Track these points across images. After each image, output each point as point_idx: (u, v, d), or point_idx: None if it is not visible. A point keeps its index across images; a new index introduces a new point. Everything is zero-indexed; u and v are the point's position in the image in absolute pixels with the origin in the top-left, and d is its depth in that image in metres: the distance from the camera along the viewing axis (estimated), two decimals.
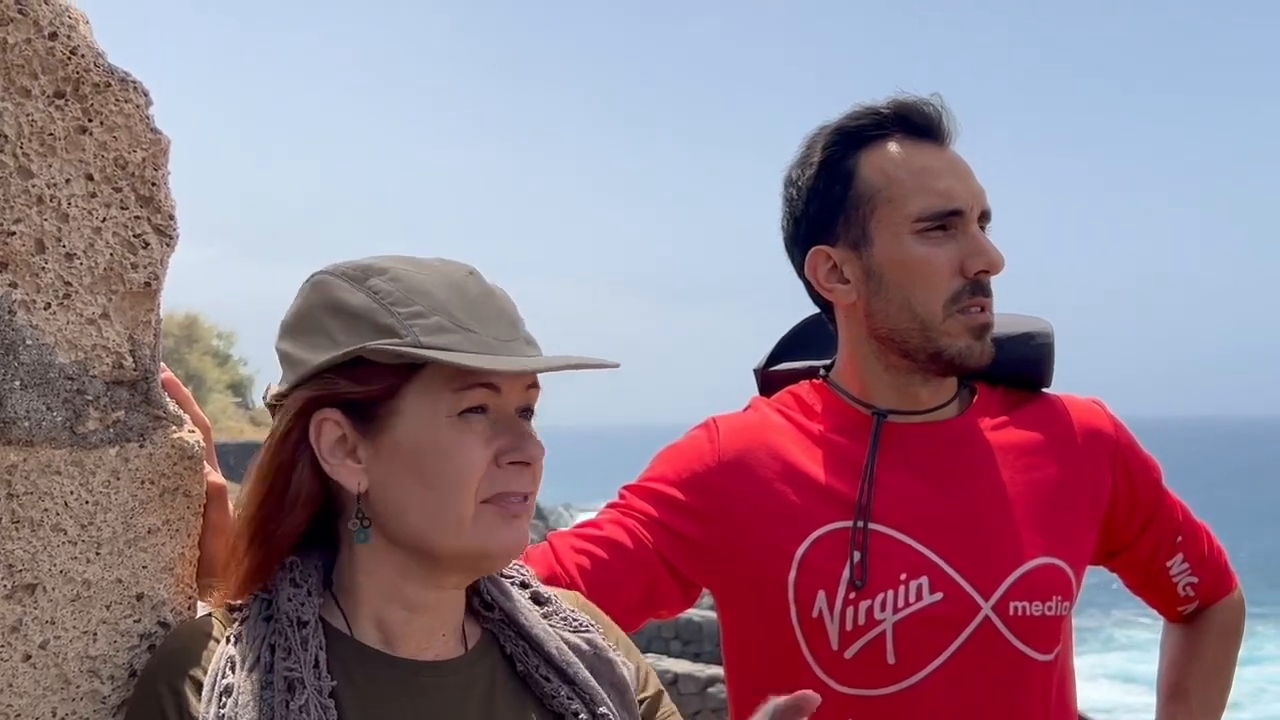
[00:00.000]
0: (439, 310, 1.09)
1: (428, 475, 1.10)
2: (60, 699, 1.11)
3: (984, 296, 1.56)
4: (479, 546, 1.11)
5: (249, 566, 1.13)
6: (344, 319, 1.10)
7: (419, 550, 1.12)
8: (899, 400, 1.62)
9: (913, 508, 1.57)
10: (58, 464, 1.10)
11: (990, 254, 1.55)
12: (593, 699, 1.17)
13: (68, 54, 1.09)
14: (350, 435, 1.11)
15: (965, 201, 1.56)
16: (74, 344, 1.11)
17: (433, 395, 1.10)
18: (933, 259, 1.55)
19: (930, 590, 1.52)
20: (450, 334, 1.09)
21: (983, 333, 1.57)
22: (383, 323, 1.08)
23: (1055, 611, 1.56)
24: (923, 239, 1.56)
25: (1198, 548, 1.76)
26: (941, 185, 1.56)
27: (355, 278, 1.12)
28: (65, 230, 1.10)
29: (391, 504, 1.12)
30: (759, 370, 1.84)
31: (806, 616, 1.54)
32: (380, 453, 1.11)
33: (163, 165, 1.15)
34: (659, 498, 1.62)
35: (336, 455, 1.12)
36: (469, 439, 1.10)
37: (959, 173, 1.58)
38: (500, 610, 1.21)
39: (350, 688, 1.10)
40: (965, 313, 1.55)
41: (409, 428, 1.10)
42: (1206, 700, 1.80)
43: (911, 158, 1.58)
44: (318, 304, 1.13)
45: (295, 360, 1.13)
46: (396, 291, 1.10)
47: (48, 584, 1.10)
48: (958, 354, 1.56)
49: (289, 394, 1.13)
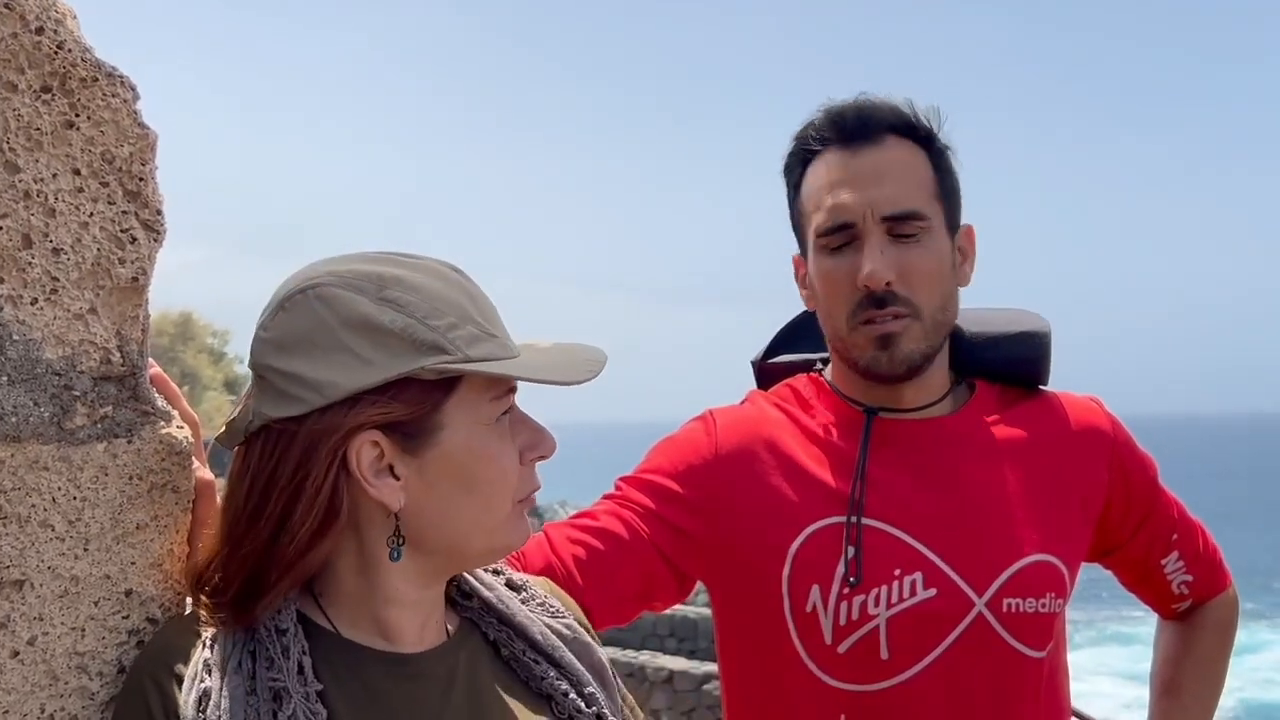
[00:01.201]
0: (466, 319, 1.09)
1: (475, 483, 1.11)
2: (48, 695, 1.11)
3: (878, 309, 1.54)
4: (508, 544, 1.16)
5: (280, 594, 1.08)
6: (373, 337, 1.06)
7: (452, 554, 1.14)
8: (883, 398, 1.62)
9: (907, 504, 1.57)
10: (45, 460, 1.10)
11: (868, 267, 1.52)
12: (579, 679, 1.20)
13: (54, 48, 1.09)
14: (389, 453, 1.08)
15: (855, 213, 1.54)
16: (61, 339, 1.11)
17: (473, 405, 1.10)
18: (831, 273, 1.57)
19: (924, 586, 1.53)
20: (484, 342, 1.09)
21: (886, 343, 1.54)
22: (425, 339, 1.06)
23: (1049, 609, 1.55)
24: (826, 254, 1.58)
25: (1192, 546, 1.76)
26: (833, 200, 1.56)
27: (366, 290, 1.07)
28: (52, 225, 1.10)
29: (432, 516, 1.11)
30: (756, 363, 1.85)
31: (800, 611, 1.54)
32: (425, 468, 1.09)
33: (150, 160, 1.15)
34: (655, 489, 1.62)
35: (377, 475, 1.08)
36: (506, 444, 1.13)
37: (858, 183, 1.55)
38: (480, 599, 1.22)
39: (338, 686, 1.09)
40: (868, 324, 1.55)
41: (456, 440, 1.09)
42: (1199, 696, 1.80)
43: (821, 172, 1.59)
44: (332, 320, 1.06)
45: (310, 381, 1.06)
46: (421, 302, 1.07)
47: (35, 580, 1.10)
48: (867, 365, 1.57)
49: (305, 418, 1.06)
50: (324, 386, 1.06)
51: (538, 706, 1.18)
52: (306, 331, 1.07)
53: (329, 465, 1.06)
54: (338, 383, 1.05)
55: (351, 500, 1.09)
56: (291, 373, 1.07)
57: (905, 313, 1.54)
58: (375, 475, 1.08)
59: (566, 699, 1.18)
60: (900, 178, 1.56)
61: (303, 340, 1.07)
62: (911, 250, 1.54)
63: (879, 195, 1.54)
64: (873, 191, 1.54)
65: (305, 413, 1.06)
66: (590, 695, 1.19)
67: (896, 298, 1.53)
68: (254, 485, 1.08)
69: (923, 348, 1.56)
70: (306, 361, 1.06)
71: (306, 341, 1.07)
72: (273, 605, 1.09)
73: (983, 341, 1.67)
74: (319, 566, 1.11)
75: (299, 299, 1.08)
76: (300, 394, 1.06)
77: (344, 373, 1.05)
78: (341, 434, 1.06)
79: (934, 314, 1.56)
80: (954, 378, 1.68)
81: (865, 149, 1.56)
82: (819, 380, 1.70)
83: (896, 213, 1.54)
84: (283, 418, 1.07)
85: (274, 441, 1.08)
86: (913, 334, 1.55)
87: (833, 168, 1.58)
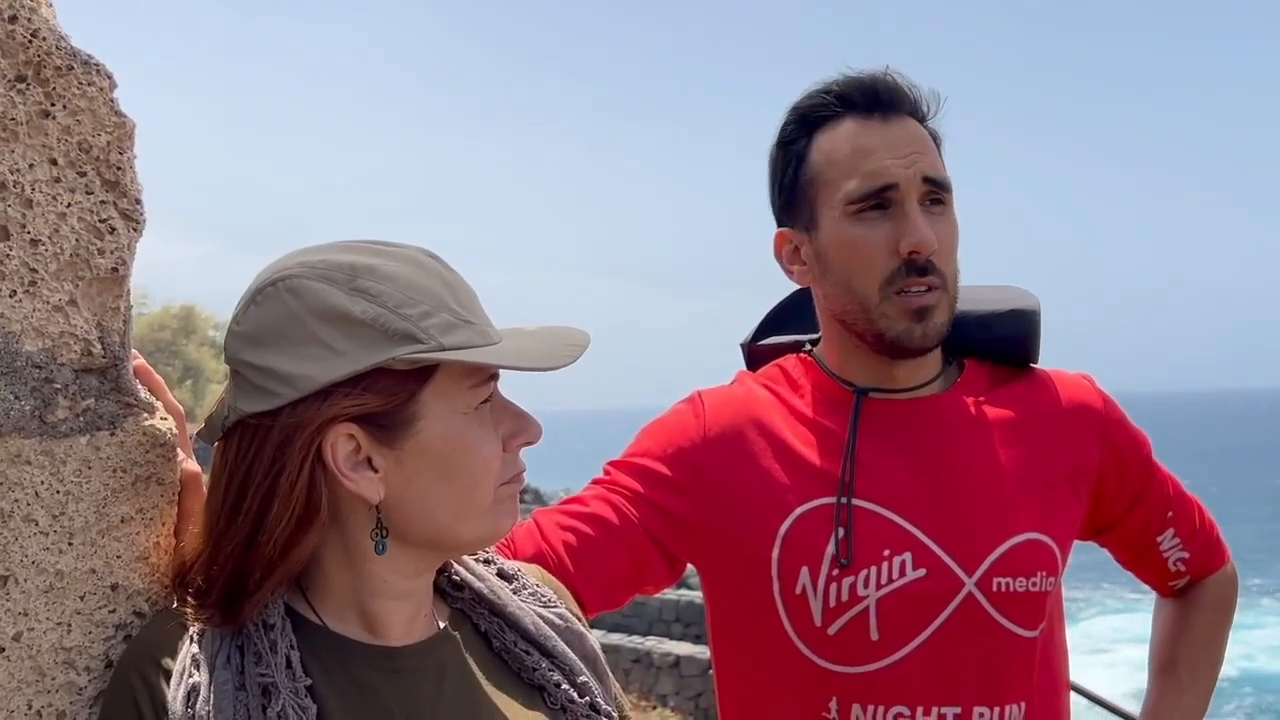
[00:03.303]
0: (441, 306, 1.07)
1: (455, 472, 1.09)
2: (35, 691, 1.10)
3: (920, 276, 1.52)
4: (493, 531, 1.14)
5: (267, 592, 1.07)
6: (345, 328, 1.04)
7: (437, 544, 1.12)
8: (876, 378, 1.61)
9: (896, 484, 1.56)
10: (27, 454, 1.09)
11: (919, 233, 1.50)
12: (571, 669, 1.19)
13: (28, 37, 1.07)
14: (365, 446, 1.06)
15: (897, 178, 1.52)
16: (41, 332, 1.09)
17: (450, 394, 1.08)
18: (865, 241, 1.53)
19: (914, 566, 1.51)
20: (460, 330, 1.07)
21: (922, 315, 1.52)
22: (397, 329, 1.04)
23: (1040, 587, 1.54)
24: (857, 220, 1.54)
25: (1189, 522, 1.75)
26: (871, 165, 1.53)
27: (337, 280, 1.05)
28: (29, 216, 1.08)
29: (414, 507, 1.09)
30: (746, 344, 1.83)
31: (789, 593, 1.53)
32: (403, 459, 1.07)
33: (128, 149, 1.13)
34: (644, 473, 1.61)
35: (354, 468, 1.07)
36: (487, 432, 1.11)
37: (897, 149, 1.53)
38: (471, 590, 1.21)
39: (328, 681, 1.08)
40: (902, 294, 1.52)
41: (434, 430, 1.07)
42: (1197, 672, 1.78)
43: (853, 138, 1.55)
44: (303, 312, 1.05)
45: (283, 375, 1.04)
46: (395, 292, 1.05)
47: (20, 575, 1.09)
48: (896, 337, 1.54)
49: (278, 412, 1.05)
50: (297, 380, 1.04)
51: (530, 698, 1.17)
52: (278, 324, 1.05)
53: (303, 459, 1.04)
54: (310, 375, 1.04)
55: (332, 494, 1.07)
56: (264, 367, 1.05)
57: (938, 284, 1.53)
58: (352, 468, 1.06)
59: (559, 689, 1.17)
60: (930, 149, 1.56)
61: (275, 333, 1.05)
62: (942, 221, 1.54)
63: (922, 161, 1.53)
64: (914, 158, 1.53)
65: (279, 407, 1.04)
66: (583, 685, 1.19)
67: (934, 268, 1.52)
68: (231, 482, 1.07)
69: (948, 321, 1.55)
70: (279, 355, 1.05)
71: (278, 334, 1.05)
72: (260, 605, 1.07)
73: (972, 320, 1.65)
74: (303, 563, 1.09)
75: (270, 292, 1.07)
76: (273, 388, 1.05)
77: (316, 365, 1.04)
78: (315, 427, 1.04)
79: (954, 288, 1.56)
80: (945, 357, 1.67)
81: (895, 119, 1.56)
82: (808, 360, 1.69)
83: (935, 176, 1.54)
84: (257, 412, 1.05)
85: (250, 437, 1.06)
86: (943, 306, 1.54)
87: (865, 133, 1.55)
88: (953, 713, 1.50)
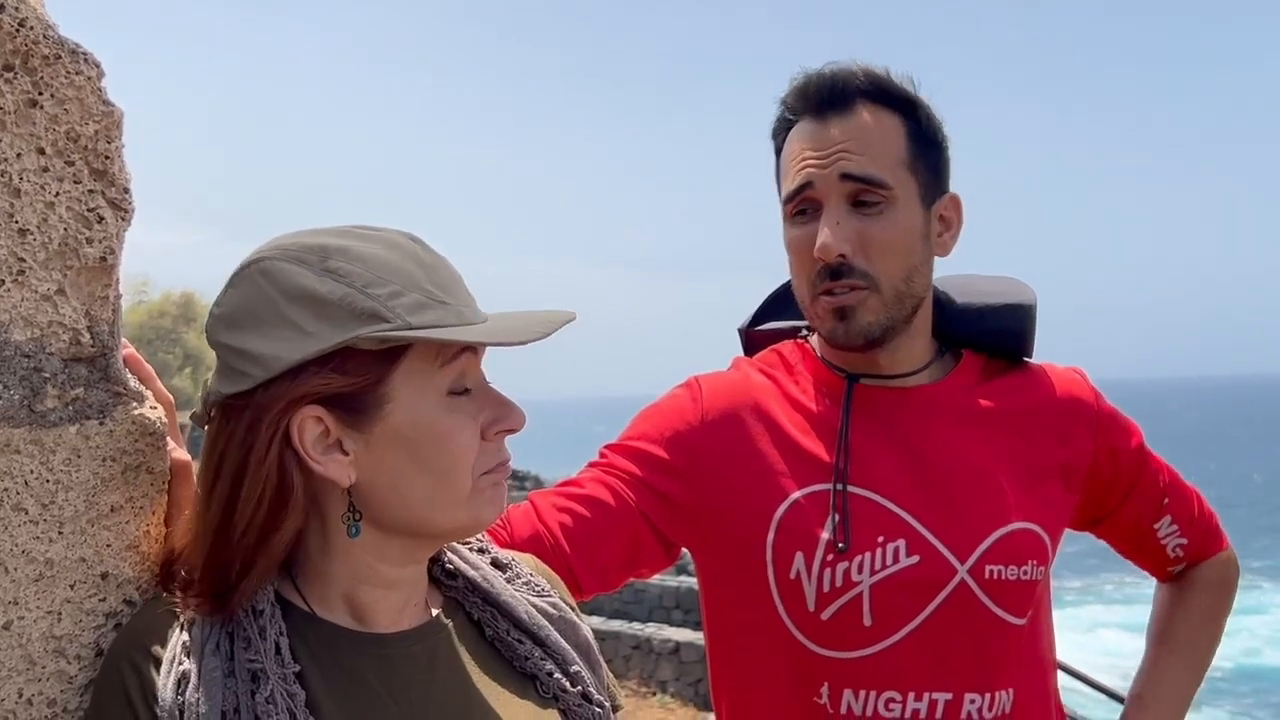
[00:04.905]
0: (413, 286, 1.06)
1: (427, 458, 1.07)
2: (26, 679, 1.10)
3: (834, 280, 1.53)
4: (474, 521, 1.12)
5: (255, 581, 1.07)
6: (313, 308, 1.04)
7: (415, 532, 1.11)
8: (860, 365, 1.63)
9: (891, 471, 1.56)
10: (17, 443, 1.09)
11: (820, 238, 1.51)
12: (564, 658, 1.19)
13: (15, 26, 1.07)
14: (334, 429, 1.06)
15: (810, 178, 1.53)
16: (29, 321, 1.09)
17: (421, 376, 1.07)
18: (795, 242, 1.58)
19: (907, 553, 1.52)
20: (430, 309, 1.05)
21: (843, 315, 1.54)
22: (363, 308, 1.03)
23: (1030, 576, 1.55)
24: (792, 223, 1.58)
25: (1186, 510, 1.76)
26: (795, 167, 1.55)
27: (308, 261, 1.06)
28: (18, 206, 1.08)
29: (386, 492, 1.08)
30: (743, 329, 1.85)
31: (784, 578, 1.54)
32: (372, 443, 1.07)
33: (116, 138, 1.13)
34: (641, 456, 1.62)
35: (323, 451, 1.07)
36: (462, 419, 1.09)
37: (821, 149, 1.53)
38: (464, 579, 1.21)
39: (316, 667, 1.09)
40: (828, 294, 1.55)
41: (404, 413, 1.07)
42: (1194, 645, 1.79)
43: (791, 142, 1.58)
44: (274, 293, 1.05)
45: (255, 356, 1.05)
46: (364, 272, 1.05)
47: (9, 564, 1.09)
48: (828, 334, 1.57)
49: (253, 393, 1.05)
50: (267, 360, 1.04)
51: (523, 686, 1.18)
52: (251, 306, 1.06)
53: (270, 440, 1.04)
54: (279, 355, 1.04)
55: (309, 479, 1.07)
56: (239, 348, 1.06)
57: (862, 285, 1.53)
58: (322, 451, 1.06)
59: (551, 678, 1.18)
60: (866, 145, 1.53)
61: (249, 315, 1.06)
62: (873, 221, 1.53)
63: (841, 161, 1.53)
64: (837, 157, 1.53)
65: (251, 388, 1.05)
66: (575, 674, 1.19)
67: (853, 270, 1.52)
68: (208, 464, 1.07)
69: (882, 320, 1.55)
70: (251, 336, 1.05)
71: (252, 316, 1.06)
72: (248, 594, 1.07)
73: (970, 313, 1.67)
74: (284, 550, 1.08)
75: (245, 274, 1.08)
76: (246, 369, 1.05)
77: (285, 346, 1.04)
78: (280, 407, 1.04)
79: (894, 286, 1.54)
80: (939, 346, 1.67)
81: (833, 117, 1.55)
82: (804, 346, 1.70)
83: (857, 173, 1.52)
84: (232, 394, 1.06)
85: (226, 419, 1.07)
86: (870, 306, 1.54)
87: (802, 137, 1.57)
88: (944, 698, 1.51)
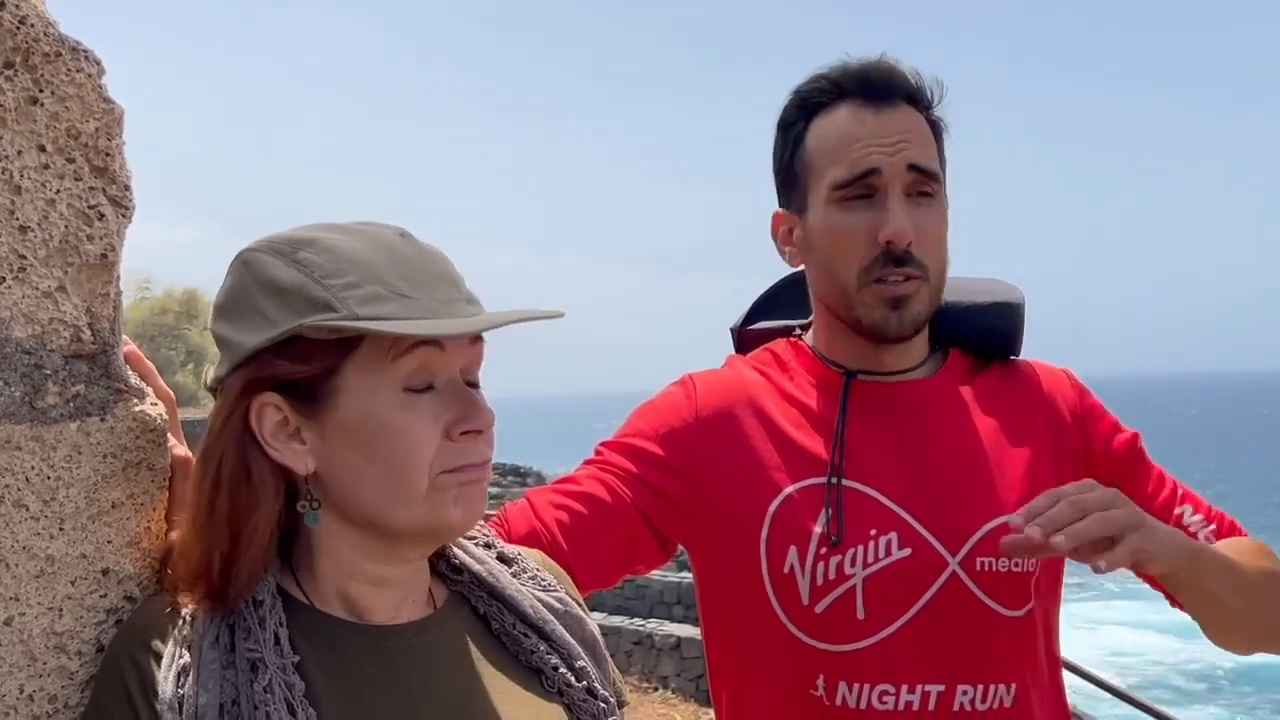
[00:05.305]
0: (373, 279, 1.05)
1: (378, 454, 1.07)
2: (27, 675, 1.11)
3: (897, 266, 1.53)
4: (435, 520, 1.10)
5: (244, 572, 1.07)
6: (277, 297, 1.06)
7: (375, 527, 1.10)
8: (863, 361, 1.63)
9: (883, 465, 1.57)
10: (17, 439, 1.09)
11: (896, 223, 1.52)
12: (570, 653, 1.19)
13: (16, 23, 1.07)
14: (292, 418, 1.08)
15: (879, 164, 1.53)
16: (30, 318, 1.10)
17: (375, 368, 1.06)
18: (847, 228, 1.55)
19: (899, 546, 1.53)
20: (387, 302, 1.05)
21: (898, 304, 1.54)
22: (316, 297, 1.04)
23: (1023, 568, 1.55)
24: (841, 207, 1.56)
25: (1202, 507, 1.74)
26: (857, 152, 1.54)
27: (284, 252, 1.08)
28: (18, 203, 1.08)
29: (343, 483, 1.09)
30: (736, 329, 1.85)
31: (777, 572, 1.55)
32: (326, 433, 1.08)
33: (116, 135, 1.13)
34: (637, 453, 1.62)
35: (280, 439, 1.08)
36: (417, 416, 1.07)
37: (884, 136, 1.54)
38: (470, 573, 1.21)
39: (316, 659, 1.09)
40: (880, 283, 1.54)
41: (355, 406, 1.07)
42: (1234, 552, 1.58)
43: (844, 125, 1.57)
44: (250, 282, 1.08)
45: (230, 343, 1.09)
46: (327, 263, 1.06)
47: (10, 560, 1.09)
48: (873, 324, 1.56)
49: (227, 378, 1.09)
50: (236, 347, 1.09)
51: (528, 680, 1.18)
52: (234, 295, 1.10)
53: (225, 423, 1.08)
54: (244, 342, 1.08)
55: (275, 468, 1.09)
56: (221, 336, 1.11)
57: (918, 275, 1.55)
58: (283, 440, 1.08)
59: (556, 673, 1.18)
60: (924, 139, 1.57)
61: (231, 303, 1.10)
62: (927, 212, 1.56)
63: (905, 150, 1.54)
64: (900, 146, 1.54)
65: (226, 374, 1.10)
66: (581, 669, 1.19)
67: (913, 259, 1.54)
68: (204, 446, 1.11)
69: (927, 311, 1.58)
70: (231, 324, 1.09)
71: (233, 304, 1.10)
72: (241, 588, 1.07)
73: (958, 311, 1.68)
74: (264, 540, 1.09)
75: (233, 265, 1.12)
76: (226, 356, 1.10)
77: (251, 333, 1.07)
78: (237, 392, 1.08)
79: (938, 278, 1.58)
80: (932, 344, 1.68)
81: (887, 108, 1.57)
82: (798, 344, 1.71)
83: (922, 165, 1.55)
84: (213, 381, 1.11)
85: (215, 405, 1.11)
86: (921, 296, 1.56)
87: (855, 120, 1.56)
88: (936, 690, 1.52)
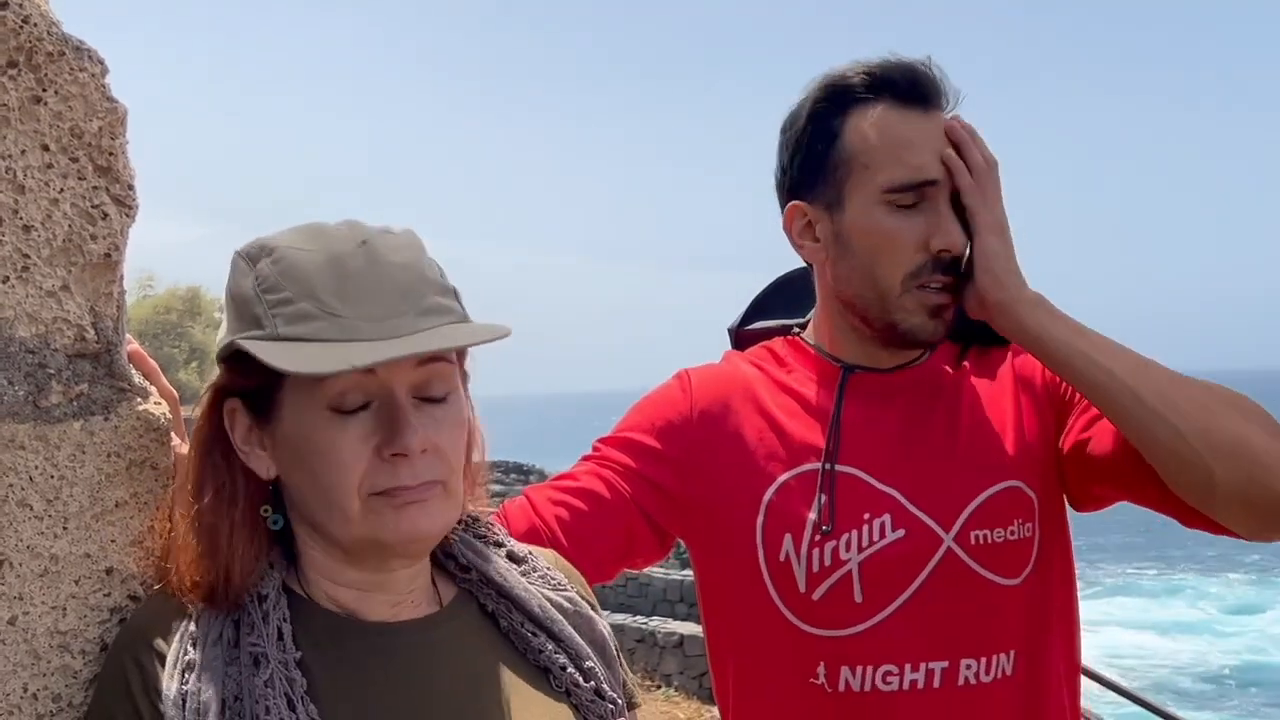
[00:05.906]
0: (307, 295, 1.04)
1: (309, 470, 1.08)
2: (31, 674, 1.11)
3: (945, 275, 1.54)
4: (372, 537, 1.08)
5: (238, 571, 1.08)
6: (232, 306, 1.09)
7: (330, 539, 1.10)
8: (865, 358, 1.64)
9: (874, 448, 1.58)
10: (21, 438, 1.09)
11: (954, 235, 1.53)
12: (578, 653, 1.19)
13: (19, 23, 1.07)
14: (253, 425, 1.10)
15: (938, 175, 1.53)
16: (34, 317, 1.10)
17: (306, 386, 1.06)
18: (898, 232, 1.54)
19: (893, 527, 1.54)
20: (313, 321, 1.03)
21: (938, 312, 1.55)
22: (253, 313, 1.06)
23: (1019, 535, 1.55)
24: (891, 210, 1.54)
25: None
26: (916, 158, 1.53)
27: (253, 258, 1.08)
28: (22, 202, 1.09)
29: (295, 495, 1.11)
30: (733, 329, 1.85)
31: (774, 560, 1.55)
32: (275, 444, 1.10)
33: (120, 134, 1.14)
34: (634, 447, 1.63)
35: (250, 443, 1.11)
36: (342, 436, 1.05)
37: (936, 144, 1.54)
38: (478, 572, 1.21)
39: (319, 656, 1.09)
40: (924, 289, 1.55)
41: (291, 421, 1.08)
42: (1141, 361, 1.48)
43: (893, 125, 1.54)
44: (227, 286, 1.10)
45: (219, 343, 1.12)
46: (272, 276, 1.05)
47: (14, 560, 1.09)
48: (910, 330, 1.56)
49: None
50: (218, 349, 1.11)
51: (536, 679, 1.18)
52: (225, 296, 1.12)
53: (201, 424, 1.11)
54: (213, 348, 1.12)
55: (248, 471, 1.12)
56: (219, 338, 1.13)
57: (953, 283, 1.56)
58: (245, 443, 1.11)
59: (564, 672, 1.18)
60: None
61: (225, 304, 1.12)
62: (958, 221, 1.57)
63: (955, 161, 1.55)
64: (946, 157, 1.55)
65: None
66: (589, 669, 1.19)
67: (956, 269, 1.55)
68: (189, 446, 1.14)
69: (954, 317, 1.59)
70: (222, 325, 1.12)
71: (225, 305, 1.12)
72: (234, 583, 1.08)
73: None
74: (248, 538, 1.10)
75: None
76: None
77: (218, 339, 1.11)
78: (210, 395, 1.11)
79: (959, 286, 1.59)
80: None
81: (933, 111, 1.57)
82: (796, 342, 1.72)
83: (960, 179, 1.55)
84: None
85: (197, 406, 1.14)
86: (953, 305, 1.58)
87: (904, 122, 1.55)
88: (940, 667, 1.52)
